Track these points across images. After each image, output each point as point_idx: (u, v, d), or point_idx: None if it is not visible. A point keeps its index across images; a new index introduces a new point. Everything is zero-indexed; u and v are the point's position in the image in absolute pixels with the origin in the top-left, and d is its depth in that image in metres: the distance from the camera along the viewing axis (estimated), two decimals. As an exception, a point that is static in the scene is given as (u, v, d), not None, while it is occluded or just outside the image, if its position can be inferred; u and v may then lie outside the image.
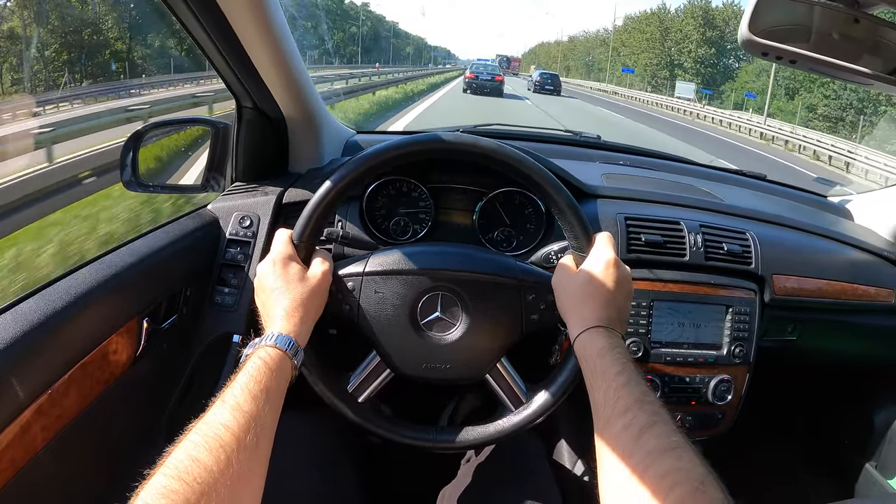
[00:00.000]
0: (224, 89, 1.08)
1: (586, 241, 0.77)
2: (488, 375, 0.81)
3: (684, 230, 1.10)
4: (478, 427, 0.81)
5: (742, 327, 1.08)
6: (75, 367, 0.71)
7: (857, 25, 0.92)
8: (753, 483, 1.58)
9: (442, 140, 0.78)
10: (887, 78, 0.94)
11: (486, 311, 0.79)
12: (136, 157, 1.04)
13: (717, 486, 0.48)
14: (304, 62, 1.05)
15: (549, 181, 0.78)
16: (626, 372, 0.62)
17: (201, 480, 0.48)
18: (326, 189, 0.75)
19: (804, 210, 1.48)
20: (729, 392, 1.08)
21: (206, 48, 0.93)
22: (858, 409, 1.49)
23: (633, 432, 0.55)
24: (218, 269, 1.01)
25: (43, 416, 0.66)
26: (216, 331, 0.99)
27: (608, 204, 1.13)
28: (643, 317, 1.04)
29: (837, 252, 1.26)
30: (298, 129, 1.14)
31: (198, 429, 0.53)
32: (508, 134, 1.65)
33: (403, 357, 0.79)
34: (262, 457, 0.56)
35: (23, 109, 8.98)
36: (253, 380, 0.59)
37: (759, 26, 0.88)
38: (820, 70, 0.95)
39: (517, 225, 1.11)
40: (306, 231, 0.76)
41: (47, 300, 0.69)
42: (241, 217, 1.03)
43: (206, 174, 1.11)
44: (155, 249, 0.89)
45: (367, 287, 0.78)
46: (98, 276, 0.77)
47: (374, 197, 1.10)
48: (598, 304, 0.72)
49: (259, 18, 0.88)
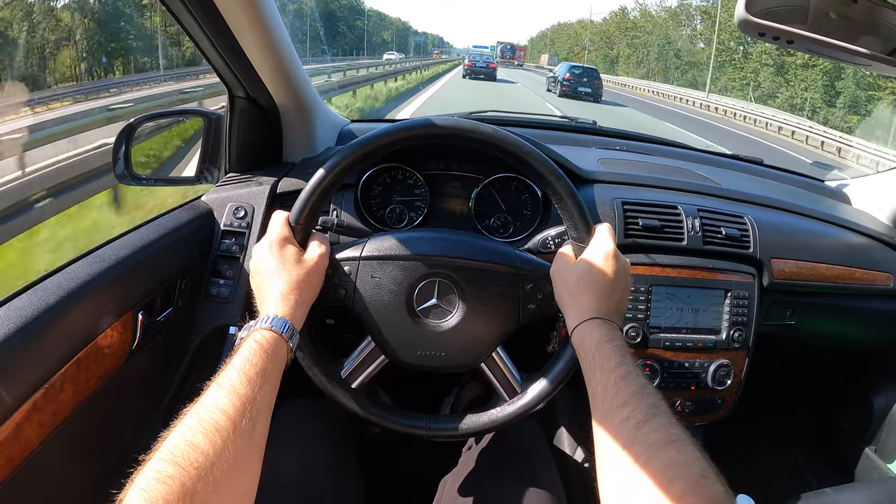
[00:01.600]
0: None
1: (586, 232, 0.77)
2: (483, 364, 0.80)
3: (682, 214, 1.09)
4: (471, 416, 0.80)
5: (741, 311, 1.08)
6: (70, 361, 0.71)
7: (854, 6, 0.91)
8: (753, 468, 1.58)
9: (437, 125, 0.77)
10: (885, 58, 0.93)
11: (483, 299, 0.78)
12: (128, 150, 1.03)
13: (718, 479, 0.48)
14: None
15: (548, 168, 0.78)
16: (624, 364, 0.62)
17: (197, 465, 0.47)
18: (325, 171, 0.75)
19: (802, 194, 1.47)
20: (728, 377, 1.08)
21: (196, 37, 0.92)
22: (857, 394, 1.49)
23: (633, 425, 0.55)
24: (213, 260, 1.01)
25: (39, 412, 0.66)
26: (212, 323, 0.99)
27: (605, 189, 1.13)
28: (642, 302, 1.04)
29: (836, 236, 1.26)
30: (291, 118, 1.13)
31: (193, 413, 0.53)
32: (504, 120, 1.64)
33: (398, 343, 0.79)
34: (258, 440, 0.56)
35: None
36: (248, 362, 0.59)
37: (756, 7, 0.88)
38: (817, 51, 0.95)
39: (513, 211, 1.11)
40: (303, 213, 0.75)
41: (40, 295, 0.69)
42: (236, 208, 1.02)
43: (200, 165, 1.10)
44: (149, 242, 0.88)
45: (364, 271, 0.78)
46: (91, 270, 0.77)
47: (369, 185, 1.09)
48: (597, 296, 0.71)
49: (249, 6, 0.87)
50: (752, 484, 1.07)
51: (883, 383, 1.44)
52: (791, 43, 0.90)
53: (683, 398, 1.08)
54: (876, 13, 0.92)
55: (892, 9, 0.91)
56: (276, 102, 1.09)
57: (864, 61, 0.93)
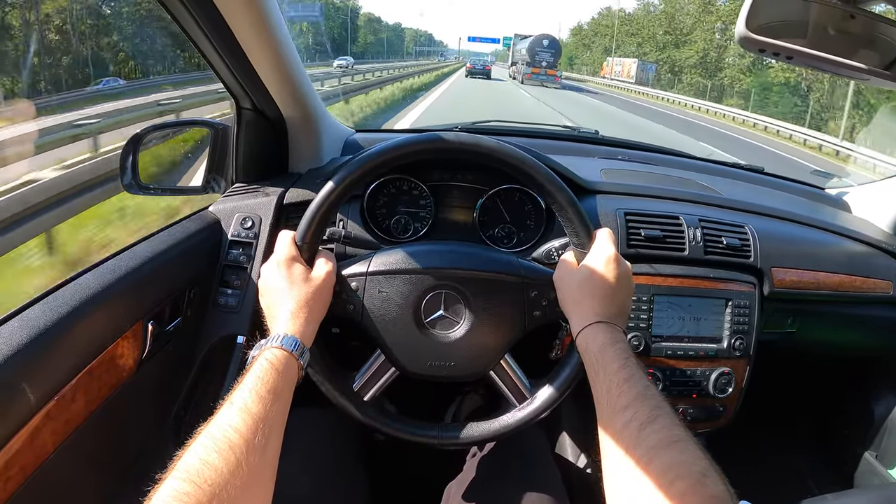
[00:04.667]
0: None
1: (587, 238, 0.78)
2: (492, 372, 0.81)
3: (683, 225, 1.10)
4: (483, 423, 0.81)
5: (742, 320, 1.09)
6: (83, 371, 0.72)
7: (852, 21, 0.92)
8: (754, 474, 1.59)
9: (443, 140, 0.78)
10: (883, 73, 0.94)
11: (490, 308, 0.79)
12: (135, 160, 1.04)
13: (720, 478, 0.49)
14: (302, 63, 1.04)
15: (549, 179, 0.79)
16: (627, 367, 0.63)
17: (212, 482, 0.48)
18: (328, 190, 0.76)
19: (802, 203, 1.48)
20: (730, 385, 1.09)
21: (204, 50, 0.94)
22: (858, 400, 1.50)
23: (636, 427, 0.56)
24: (220, 270, 1.02)
25: (52, 421, 0.67)
26: (220, 332, 1.00)
27: (608, 199, 1.14)
28: (644, 311, 1.05)
29: (836, 244, 1.27)
30: (298, 128, 1.14)
31: (207, 431, 0.54)
32: (507, 130, 1.66)
33: (408, 355, 0.80)
34: (271, 458, 0.57)
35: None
36: (260, 381, 0.60)
37: (755, 23, 0.89)
38: (816, 65, 0.96)
39: (518, 221, 1.12)
40: (309, 232, 0.76)
41: (52, 306, 0.70)
42: (243, 218, 1.03)
43: (207, 176, 1.12)
44: (158, 252, 0.90)
45: (371, 287, 0.79)
46: (102, 281, 0.78)
47: (374, 196, 1.10)
48: (600, 300, 0.72)
49: (257, 19, 0.88)
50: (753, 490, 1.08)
51: (883, 389, 1.45)
52: (791, 59, 0.92)
53: (685, 405, 1.09)
54: (874, 27, 0.93)
55: (889, 23, 0.92)
56: (282, 114, 1.10)
57: (863, 76, 0.94)
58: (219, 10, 0.84)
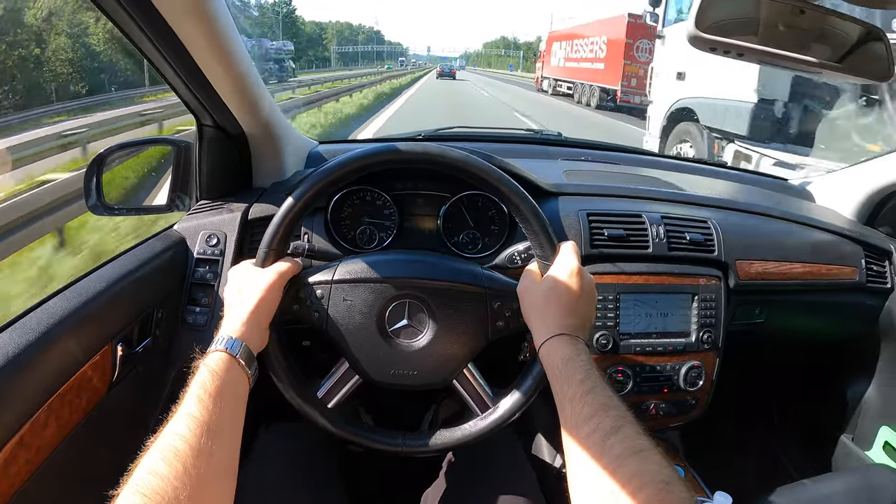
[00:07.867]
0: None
1: (551, 251, 0.79)
2: (455, 381, 0.82)
3: (646, 223, 1.12)
4: (445, 431, 0.82)
5: (709, 314, 1.11)
6: (53, 396, 0.71)
7: (803, 16, 0.94)
8: (733, 464, 1.61)
9: (402, 151, 0.79)
10: (835, 66, 0.96)
11: (453, 318, 0.80)
12: (99, 181, 1.04)
13: (683, 485, 0.50)
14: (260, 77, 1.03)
15: (514, 191, 0.80)
16: (590, 378, 0.64)
17: (161, 491, 0.49)
18: (290, 204, 0.78)
19: (766, 195, 1.50)
20: (700, 378, 1.10)
21: (161, 68, 0.93)
22: (830, 385, 1.53)
23: (599, 437, 0.57)
24: (188, 288, 1.01)
25: (25, 449, 0.66)
26: (190, 351, 0.99)
27: (569, 201, 1.14)
28: (610, 310, 1.06)
29: (800, 234, 1.29)
30: (260, 143, 1.13)
31: (155, 443, 0.55)
32: (470, 136, 1.66)
33: (372, 364, 0.81)
34: (223, 462, 0.58)
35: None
36: (201, 387, 0.61)
37: (705, 22, 0.90)
38: (768, 61, 0.97)
39: (481, 227, 1.12)
40: (274, 241, 0.78)
41: (20, 333, 0.70)
42: (208, 235, 1.03)
43: (171, 194, 1.11)
44: (124, 273, 0.89)
45: (336, 295, 0.80)
46: (69, 305, 0.77)
47: (338, 207, 1.10)
48: (563, 312, 0.73)
49: (212, 36, 0.88)
50: (730, 480, 1.10)
51: (855, 373, 1.48)
52: (742, 56, 0.93)
53: (657, 401, 1.10)
54: (823, 21, 0.95)
55: (838, 16, 0.94)
56: (243, 129, 1.09)
57: (815, 70, 0.96)
58: (172, 29, 0.83)
